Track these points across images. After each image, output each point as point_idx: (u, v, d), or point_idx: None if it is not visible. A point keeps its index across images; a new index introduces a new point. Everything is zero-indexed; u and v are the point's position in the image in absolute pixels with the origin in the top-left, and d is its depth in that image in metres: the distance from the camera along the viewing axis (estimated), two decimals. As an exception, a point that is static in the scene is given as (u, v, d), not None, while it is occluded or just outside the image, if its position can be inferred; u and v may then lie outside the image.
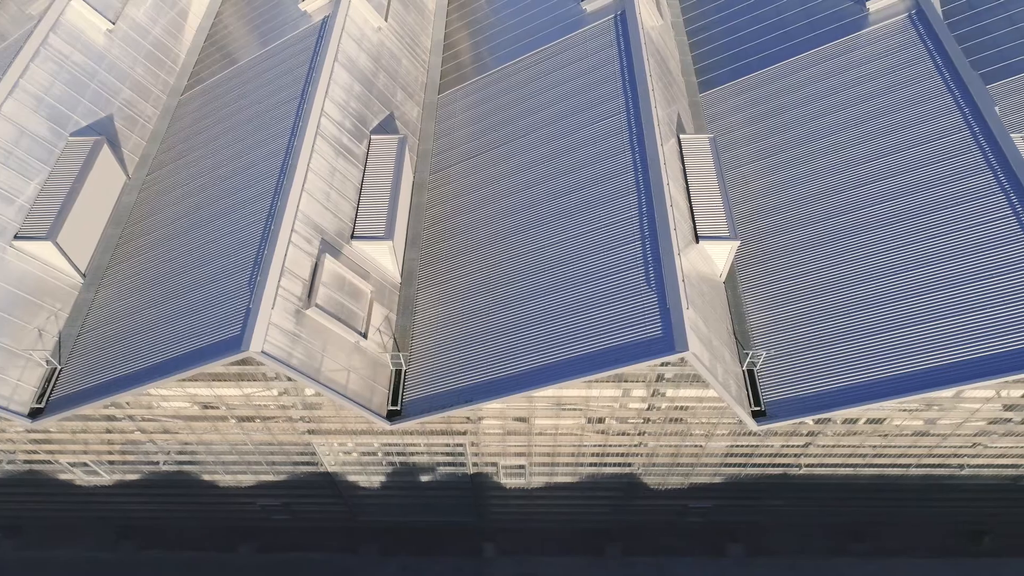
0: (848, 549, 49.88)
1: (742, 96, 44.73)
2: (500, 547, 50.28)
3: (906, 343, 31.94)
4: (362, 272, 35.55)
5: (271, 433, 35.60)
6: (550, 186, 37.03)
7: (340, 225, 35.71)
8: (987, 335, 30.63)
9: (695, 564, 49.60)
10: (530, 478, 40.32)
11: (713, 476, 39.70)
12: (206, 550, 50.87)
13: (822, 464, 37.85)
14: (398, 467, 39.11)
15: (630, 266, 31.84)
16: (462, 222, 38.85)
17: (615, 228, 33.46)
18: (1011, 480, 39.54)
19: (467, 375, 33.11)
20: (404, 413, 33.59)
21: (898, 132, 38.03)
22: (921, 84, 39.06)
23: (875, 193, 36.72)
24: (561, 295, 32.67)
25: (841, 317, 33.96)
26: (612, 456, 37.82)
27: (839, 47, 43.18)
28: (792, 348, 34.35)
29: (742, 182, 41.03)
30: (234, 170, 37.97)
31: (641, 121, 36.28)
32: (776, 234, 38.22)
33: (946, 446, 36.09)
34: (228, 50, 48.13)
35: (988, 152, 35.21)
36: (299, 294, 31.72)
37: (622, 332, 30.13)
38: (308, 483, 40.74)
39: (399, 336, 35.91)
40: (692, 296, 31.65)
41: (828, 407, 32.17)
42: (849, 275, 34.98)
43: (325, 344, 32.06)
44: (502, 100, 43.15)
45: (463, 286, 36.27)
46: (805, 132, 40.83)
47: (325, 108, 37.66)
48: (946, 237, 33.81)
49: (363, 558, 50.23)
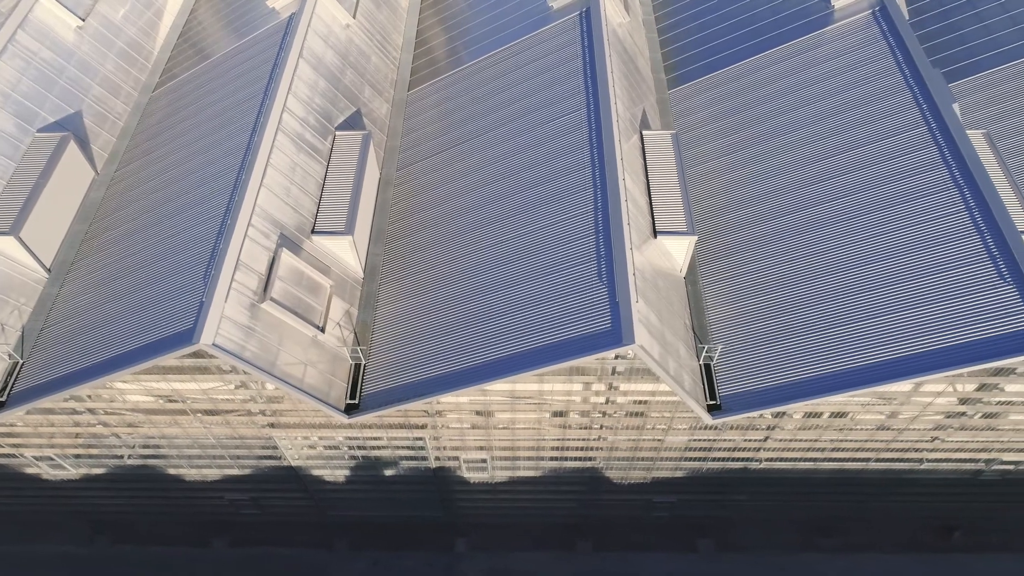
0: (817, 544, 50.08)
1: (709, 92, 44.94)
2: (472, 542, 50.52)
3: (861, 337, 32.14)
4: (322, 267, 35.76)
5: (231, 427, 35.81)
6: (509, 182, 37.25)
7: (300, 220, 35.93)
8: (939, 328, 30.82)
9: (665, 559, 49.82)
10: (493, 472, 40.53)
11: (675, 470, 39.89)
12: (179, 545, 51.13)
13: (781, 458, 38.04)
14: (361, 461, 39.33)
15: (583, 261, 32.05)
16: (424, 218, 39.08)
17: (570, 223, 33.68)
18: (971, 475, 39.73)
19: (424, 369, 33.34)
20: (362, 407, 33.82)
21: (858, 128, 38.23)
22: (882, 81, 39.25)
23: (834, 188, 36.92)
24: (515, 290, 32.89)
25: (798, 311, 34.17)
26: (572, 450, 38.04)
27: (804, 44, 43.37)
28: (749, 342, 34.56)
29: (707, 178, 41.23)
30: (197, 166, 38.20)
31: (600, 117, 36.47)
32: (739, 229, 38.42)
33: (903, 440, 36.28)
34: (199, 47, 48.37)
35: (944, 148, 35.41)
36: (254, 288, 31.93)
37: (572, 326, 30.36)
38: (273, 477, 40.97)
39: (360, 330, 36.13)
40: (645, 290, 31.87)
41: (782, 400, 32.37)
42: (808, 270, 35.17)
43: (281, 338, 32.27)
44: (468, 97, 43.37)
45: (423, 281, 36.50)
46: (769, 128, 41.03)
47: (288, 104, 37.87)
48: (901, 232, 34.01)
49: (335, 553, 50.47)
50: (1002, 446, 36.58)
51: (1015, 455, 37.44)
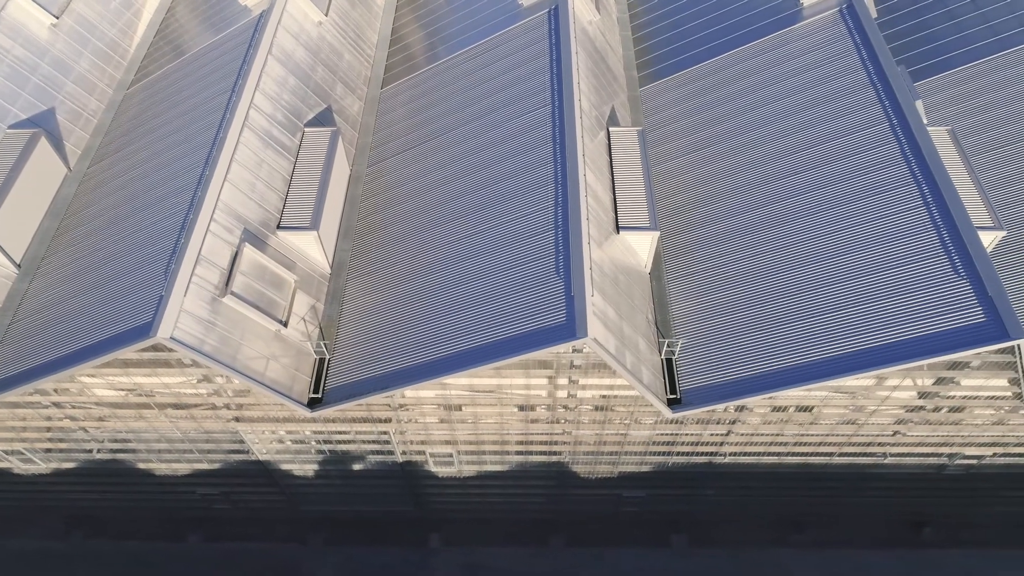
0: (791, 540, 50.31)
1: (680, 90, 45.18)
2: (446, 538, 50.74)
3: (819, 331, 32.36)
4: (287, 262, 36.00)
5: (197, 421, 36.04)
6: (473, 179, 37.50)
7: (266, 215, 36.16)
8: (894, 322, 31.04)
9: (638, 554, 50.06)
10: (461, 466, 40.77)
11: (641, 464, 40.13)
12: (155, 540, 51.35)
13: (745, 452, 38.26)
14: (329, 456, 39.56)
15: (541, 256, 32.29)
16: (392, 214, 39.33)
17: (530, 219, 33.92)
18: (936, 469, 39.95)
19: (385, 363, 33.58)
20: (325, 401, 34.06)
21: (822, 124, 38.46)
22: (846, 78, 39.49)
23: (797, 184, 37.15)
24: (474, 285, 33.14)
25: (759, 306, 34.40)
26: (536, 444, 38.28)
27: (772, 41, 43.61)
28: (711, 337, 34.79)
29: (675, 174, 41.47)
30: (165, 162, 38.44)
31: (563, 113, 36.71)
32: (704, 225, 38.66)
33: (864, 434, 36.51)
34: (175, 44, 48.61)
35: (904, 144, 35.64)
36: (216, 282, 32.16)
37: (528, 320, 30.60)
38: (243, 472, 41.21)
39: (325, 325, 36.36)
40: (603, 285, 32.11)
41: (741, 394, 32.59)
42: (770, 265, 35.41)
43: (242, 332, 32.51)
44: (438, 94, 43.62)
45: (388, 276, 36.74)
46: (736, 125, 41.27)
47: (255, 101, 38.10)
48: (860, 227, 34.24)
49: (309, 548, 50.70)
50: (963, 440, 36.80)
51: (977, 449, 37.66)
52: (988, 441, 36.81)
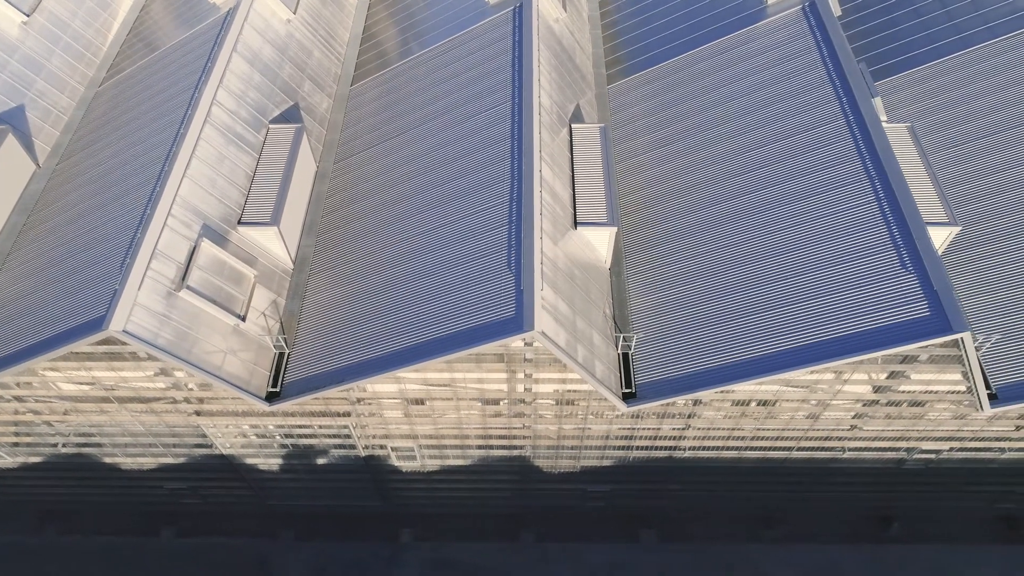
0: (760, 536, 50.58)
1: (646, 87, 45.48)
2: (416, 533, 51.02)
3: (771, 325, 32.67)
4: (248, 257, 36.27)
5: (157, 415, 36.32)
6: (434, 175, 37.80)
7: (227, 211, 36.43)
8: (844, 316, 31.34)
9: (608, 550, 50.30)
10: (424, 461, 41.05)
11: (602, 459, 40.40)
12: (128, 535, 51.63)
13: (704, 447, 38.54)
14: (292, 450, 39.84)
15: (494, 251, 32.57)
16: (355, 210, 39.61)
17: (485, 215, 34.20)
18: (895, 464, 40.22)
19: (343, 357, 33.85)
20: (283, 395, 34.32)
21: (781, 121, 38.77)
22: (806, 75, 39.78)
23: (755, 180, 37.46)
24: (429, 280, 33.43)
25: (715, 301, 34.70)
26: (496, 438, 38.56)
27: (737, 39, 43.89)
28: (668, 331, 35.09)
29: (639, 170, 41.77)
30: (129, 157, 38.69)
31: (522, 110, 36.99)
32: (665, 221, 38.95)
33: (820, 428, 36.78)
34: (146, 42, 48.87)
35: (860, 141, 35.92)
36: (172, 277, 32.44)
37: (479, 314, 30.88)
38: (208, 466, 41.48)
39: (286, 320, 36.63)
40: (556, 279, 32.39)
41: (695, 387, 32.89)
42: (726, 260, 35.71)
43: (199, 326, 32.77)
44: (405, 91, 43.92)
45: (348, 272, 37.02)
46: (698, 122, 41.56)
47: (218, 97, 38.40)
48: (814, 222, 34.56)
49: (280, 543, 50.95)
50: (919, 435, 37.07)
51: (933, 444, 37.93)
52: (944, 436, 37.08)
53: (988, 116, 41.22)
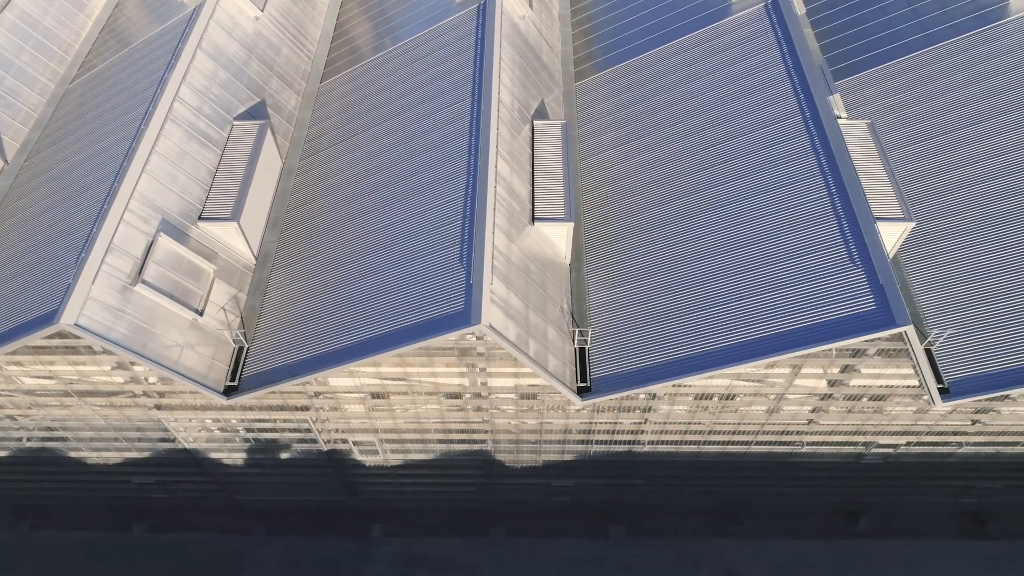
0: (729, 531, 50.86)
1: (612, 84, 45.71)
2: (387, 528, 51.32)
3: (723, 319, 32.89)
4: (208, 252, 36.50)
5: (118, 409, 36.57)
6: (394, 171, 38.05)
7: (187, 206, 36.68)
8: (793, 311, 31.57)
9: (577, 545, 50.60)
10: (386, 455, 41.30)
11: (563, 453, 40.64)
12: (101, 530, 51.95)
13: (663, 441, 38.77)
14: (255, 444, 40.09)
15: (447, 246, 32.83)
16: (318, 206, 39.85)
17: (440, 210, 34.46)
18: (855, 458, 40.45)
19: (299, 351, 34.09)
20: (240, 388, 34.55)
21: (740, 118, 38.98)
22: (766, 72, 40.00)
23: (713, 176, 37.69)
24: (384, 275, 33.71)
25: (670, 296, 34.92)
26: (455, 432, 38.80)
27: (701, 36, 44.11)
28: (624, 326, 35.30)
29: (603, 166, 42.00)
30: (92, 154, 38.94)
31: (480, 106, 37.22)
32: (626, 216, 39.17)
33: (776, 423, 37.01)
34: (118, 39, 49.09)
35: (815, 137, 36.13)
36: (128, 271, 32.69)
37: (429, 308, 31.13)
38: (173, 460, 41.73)
39: (246, 315, 36.85)
40: (509, 274, 32.63)
41: (647, 381, 33.10)
42: (682, 256, 35.93)
43: (156, 320, 33.02)
44: (371, 88, 44.16)
45: (308, 267, 37.27)
46: (661, 119, 41.77)
47: (180, 93, 38.66)
48: (769, 217, 34.79)
49: (252, 538, 51.27)
50: (874, 429, 37.30)
51: (890, 438, 38.17)
52: (900, 430, 37.31)
53: (950, 113, 41.44)
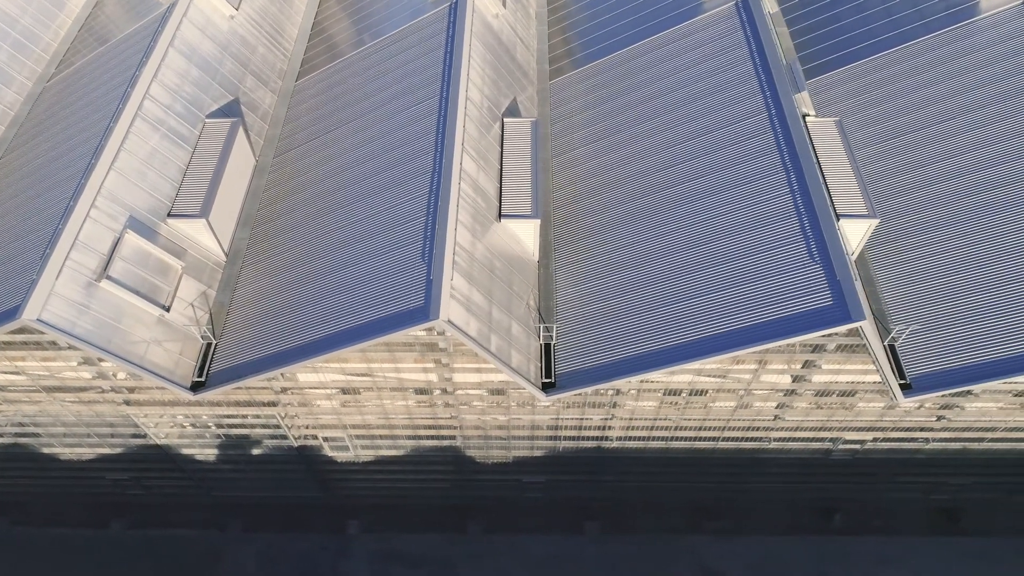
0: (703, 528, 51.01)
1: (586, 82, 45.93)
2: (364, 524, 51.50)
3: (686, 315, 33.11)
4: (176, 249, 36.72)
5: (87, 405, 36.79)
6: (363, 168, 38.29)
7: (156, 203, 36.91)
8: (753, 306, 31.79)
9: (552, 541, 50.76)
10: (357, 451, 41.51)
11: (532, 449, 40.85)
12: (79, 527, 52.13)
13: (630, 436, 38.97)
14: (226, 440, 40.32)
15: (409, 242, 33.05)
16: (288, 204, 40.09)
17: (405, 207, 34.71)
18: (823, 454, 40.64)
19: (266, 347, 34.31)
20: (207, 384, 34.77)
21: (708, 116, 39.20)
22: (735, 70, 40.22)
23: (679, 174, 37.92)
24: (349, 271, 33.97)
25: (634, 292, 35.15)
26: (424, 428, 39.00)
27: (673, 34, 44.33)
28: (589, 322, 35.52)
29: (573, 164, 42.22)
30: (63, 151, 39.17)
31: (448, 104, 37.44)
32: (595, 213, 39.40)
33: (742, 418, 37.20)
34: (95, 38, 49.31)
35: (779, 134, 36.33)
36: (94, 267, 32.92)
37: (391, 303, 31.36)
38: (146, 456, 41.97)
39: (216, 311, 37.07)
40: (472, 271, 32.84)
41: (610, 376, 33.32)
42: (648, 252, 36.17)
43: (121, 316, 33.24)
44: (343, 87, 44.41)
45: (277, 264, 37.51)
46: (633, 116, 41.99)
47: (151, 91, 38.91)
48: (732, 214, 35.03)
49: (229, 535, 51.45)
50: (840, 425, 37.48)
51: (856, 434, 38.35)
52: (864, 426, 37.49)
53: (919, 110, 41.63)
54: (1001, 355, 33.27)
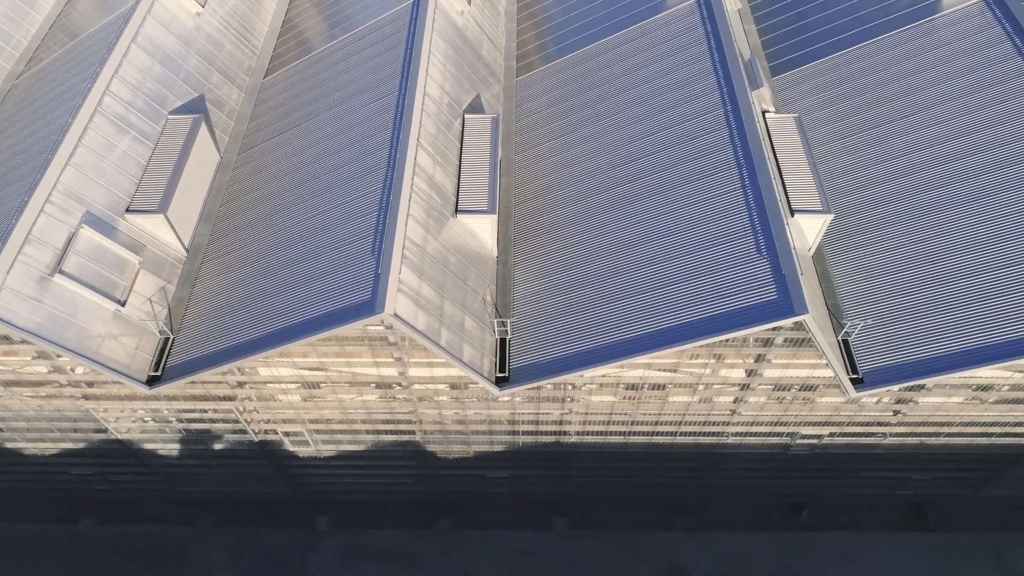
0: (672, 524, 51.19)
1: (552, 79, 46.09)
2: (332, 520, 51.69)
3: (636, 309, 33.26)
4: (134, 245, 36.88)
5: (44, 399, 36.95)
6: (321, 164, 38.50)
7: (115, 199, 37.08)
8: (702, 300, 31.95)
9: (521, 537, 50.92)
10: (318, 446, 41.67)
11: (492, 444, 41.01)
12: (49, 522, 52.33)
13: (587, 431, 39.13)
14: (187, 436, 40.49)
15: (361, 237, 33.24)
16: (249, 200, 40.27)
17: (359, 202, 34.90)
18: (781, 449, 40.80)
19: (219, 342, 34.46)
20: (163, 378, 34.94)
21: (666, 112, 39.36)
22: (694, 66, 40.36)
23: (636, 170, 38.10)
24: (300, 266, 34.23)
25: (588, 287, 35.33)
26: (381, 423, 39.16)
27: (636, 31, 44.49)
28: (544, 317, 35.67)
29: (535, 160, 42.40)
30: (24, 147, 39.33)
31: (405, 100, 37.63)
32: (552, 209, 39.58)
33: (697, 413, 37.35)
34: (67, 33, 49.46)
35: (733, 130, 36.49)
36: (47, 262, 33.10)
37: (339, 298, 31.53)
38: (109, 451, 42.14)
39: (174, 306, 37.23)
40: (423, 265, 33.01)
41: (561, 371, 33.48)
42: (602, 247, 36.36)
43: (76, 311, 33.41)
44: (308, 84, 44.61)
45: (236, 259, 37.67)
46: (594, 113, 42.16)
47: (111, 87, 39.10)
48: (685, 209, 35.21)
49: (199, 530, 51.62)
50: (795, 420, 37.63)
51: (813, 429, 38.50)
52: (820, 420, 37.64)
53: (880, 107, 41.82)
54: (953, 349, 33.39)
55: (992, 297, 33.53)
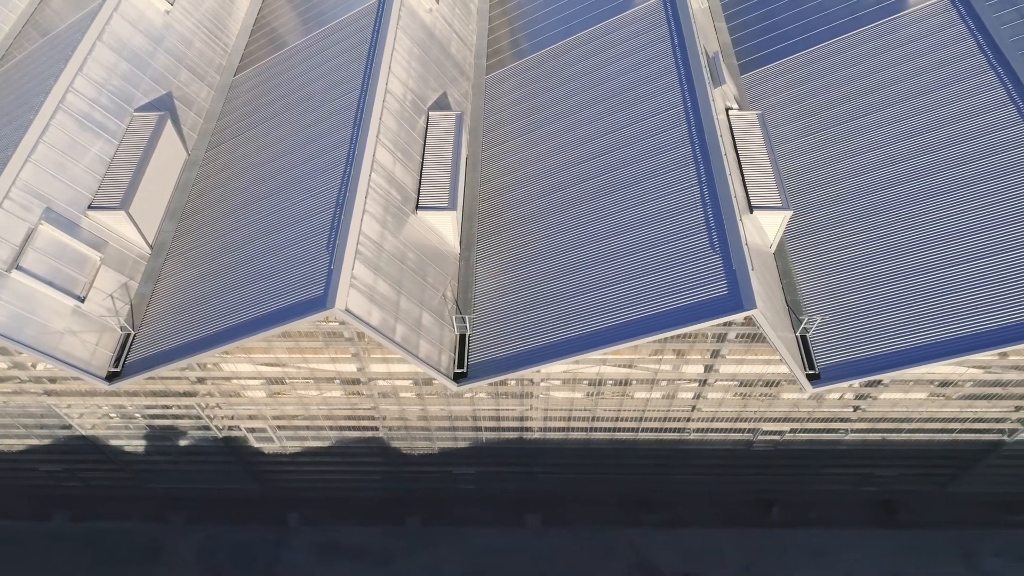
0: (642, 520, 51.23)
1: (520, 76, 46.22)
2: (304, 516, 51.73)
3: (590, 306, 33.41)
4: (96, 241, 36.99)
5: (5, 395, 37.04)
6: (283, 161, 38.63)
7: (77, 196, 37.18)
8: (655, 296, 32.10)
9: (492, 533, 50.98)
10: (282, 442, 41.78)
11: (456, 440, 41.13)
12: (21, 519, 52.35)
13: (549, 427, 39.24)
14: (151, 432, 40.60)
15: (316, 233, 33.35)
16: (213, 196, 40.39)
17: (317, 199, 35.01)
18: (744, 445, 40.91)
19: (178, 338, 34.60)
20: (123, 374, 35.06)
21: (627, 109, 39.50)
22: (656, 64, 40.49)
23: (596, 167, 38.27)
24: (255, 264, 34.46)
25: (545, 284, 35.50)
26: (344, 419, 39.27)
27: (603, 28, 44.65)
28: (503, 313, 35.83)
29: (500, 157, 42.52)
30: (-11, 144, 39.47)
31: (367, 97, 37.74)
32: (515, 207, 39.71)
33: (656, 409, 37.46)
34: (37, 31, 49.59)
35: (692, 127, 36.60)
36: (5, 258, 33.21)
37: (293, 294, 31.65)
38: (75, 448, 42.24)
39: (137, 303, 37.35)
40: (380, 261, 33.11)
41: (518, 366, 33.60)
42: (560, 244, 36.53)
43: (35, 307, 33.52)
44: (276, 81, 44.75)
45: (196, 256, 37.81)
46: (558, 111, 42.31)
47: (75, 84, 39.20)
48: (642, 207, 35.34)
49: (171, 527, 51.68)
50: (755, 415, 37.75)
51: (773, 425, 38.63)
52: (780, 416, 37.76)
53: (843, 104, 42.01)
54: (910, 345, 33.55)
55: (950, 293, 33.69)
